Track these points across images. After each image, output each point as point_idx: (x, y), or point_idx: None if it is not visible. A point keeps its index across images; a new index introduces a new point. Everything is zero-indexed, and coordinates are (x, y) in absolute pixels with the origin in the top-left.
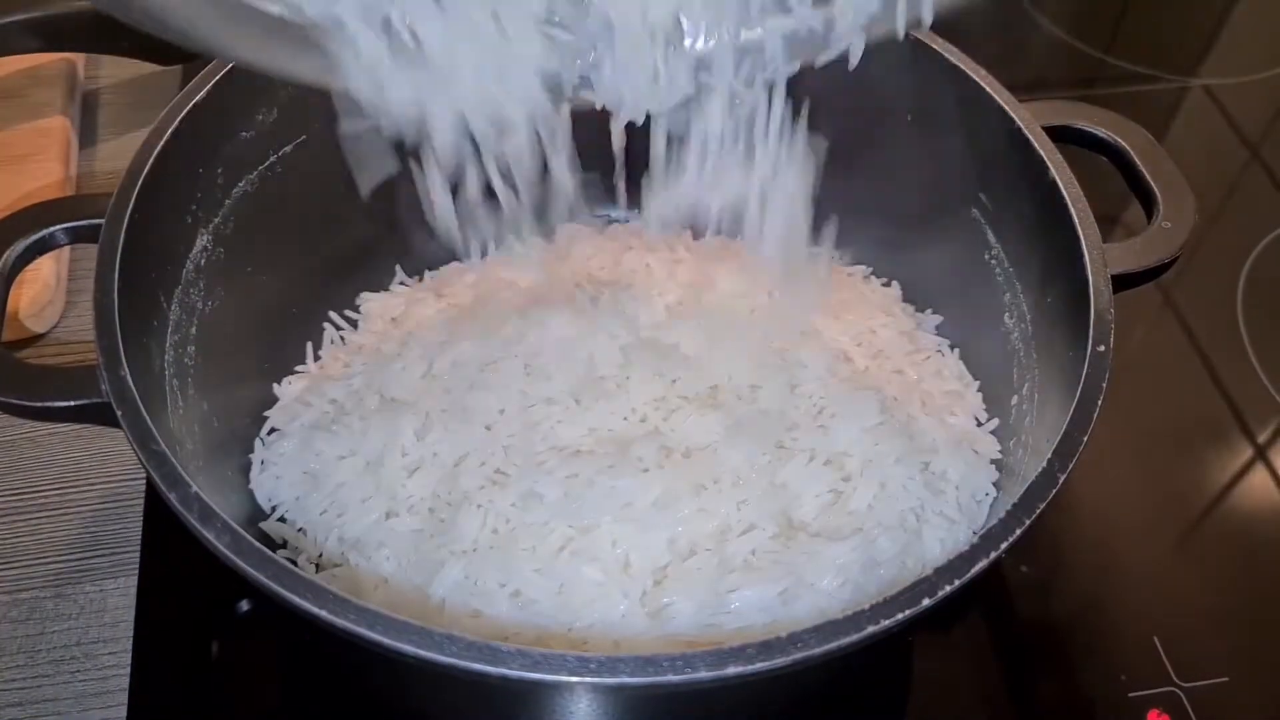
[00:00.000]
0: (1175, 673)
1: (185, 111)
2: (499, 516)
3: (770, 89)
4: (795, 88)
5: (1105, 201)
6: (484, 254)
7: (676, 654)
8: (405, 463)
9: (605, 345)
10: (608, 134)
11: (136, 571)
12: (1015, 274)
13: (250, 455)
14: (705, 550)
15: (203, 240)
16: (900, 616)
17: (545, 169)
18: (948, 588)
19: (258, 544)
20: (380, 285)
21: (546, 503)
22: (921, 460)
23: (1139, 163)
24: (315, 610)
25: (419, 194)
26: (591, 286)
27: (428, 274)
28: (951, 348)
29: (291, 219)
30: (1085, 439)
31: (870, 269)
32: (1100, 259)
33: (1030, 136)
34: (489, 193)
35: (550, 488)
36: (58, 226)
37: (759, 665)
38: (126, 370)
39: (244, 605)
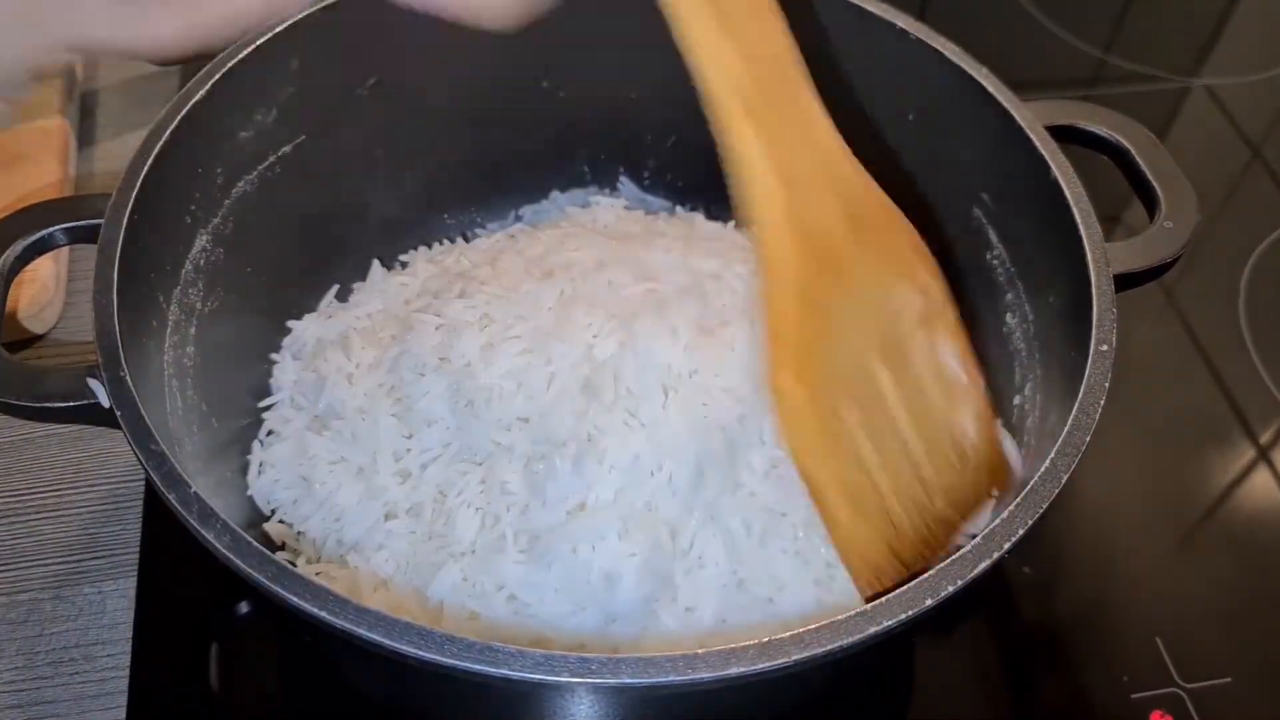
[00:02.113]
0: (1178, 674)
1: (184, 112)
2: (496, 518)
3: None
4: None
5: (1107, 201)
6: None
7: (678, 654)
8: (397, 468)
9: (603, 345)
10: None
11: (135, 573)
12: (1017, 274)
13: (249, 457)
14: (705, 551)
15: (202, 240)
16: (903, 617)
17: None
18: (950, 588)
19: (257, 545)
20: (375, 284)
21: (545, 504)
22: None
23: (1141, 162)
24: (315, 611)
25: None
26: (577, 281)
27: (420, 269)
28: None
29: (291, 219)
30: (1088, 439)
31: None
32: (1102, 258)
33: (1032, 136)
34: None
35: (548, 489)
36: (57, 227)
37: (761, 666)
38: (126, 371)
39: (243, 607)
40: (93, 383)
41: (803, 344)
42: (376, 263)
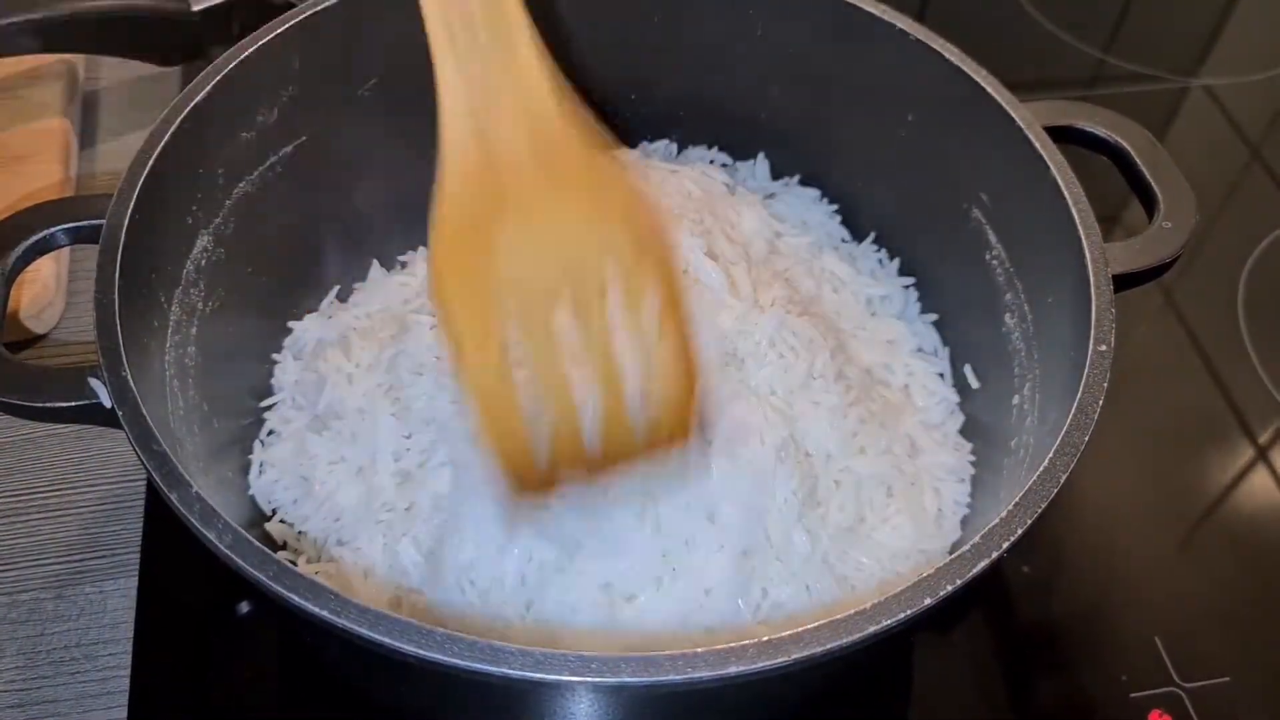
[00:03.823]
0: (1177, 673)
1: (185, 112)
2: (494, 520)
3: None
4: (797, 85)
5: (1106, 201)
6: None
7: (677, 653)
8: (397, 468)
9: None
10: None
11: (136, 572)
12: (1016, 274)
13: (250, 457)
14: (704, 553)
15: (203, 241)
16: (902, 616)
17: None
18: (949, 587)
19: (258, 544)
20: (375, 284)
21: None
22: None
23: (1140, 162)
24: (316, 610)
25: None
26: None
27: (419, 269)
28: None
29: (291, 220)
30: (1086, 439)
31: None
32: (1101, 258)
33: (1031, 136)
34: None
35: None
36: (58, 227)
37: (760, 665)
38: (127, 371)
39: (244, 606)
40: (94, 383)
41: (460, 248)
42: (376, 263)
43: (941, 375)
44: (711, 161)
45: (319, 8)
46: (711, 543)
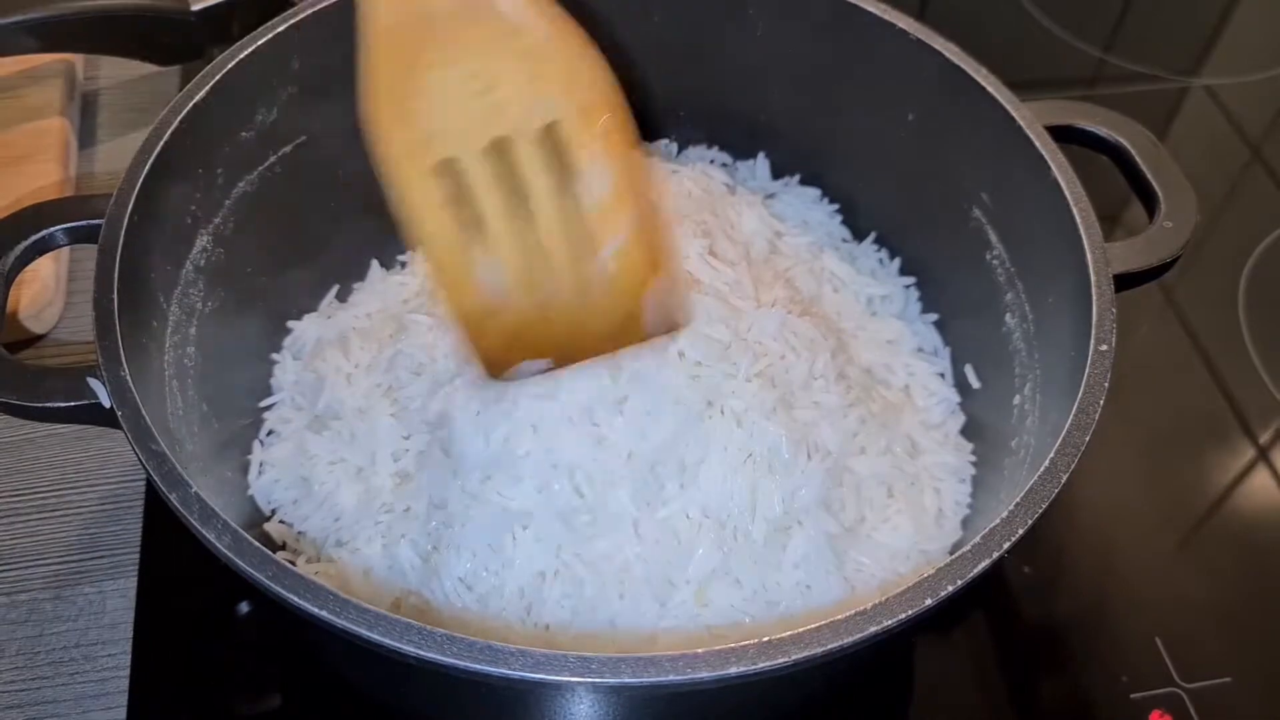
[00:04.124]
0: (1177, 673)
1: (185, 112)
2: (495, 521)
3: None
4: (797, 84)
5: (1107, 201)
6: None
7: (678, 654)
8: (396, 468)
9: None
10: None
11: (136, 573)
12: (1017, 274)
13: (249, 457)
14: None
15: (202, 241)
16: (903, 616)
17: None
18: (950, 588)
19: (258, 544)
20: (374, 284)
21: (546, 507)
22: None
23: (1140, 162)
24: (315, 610)
25: None
26: None
27: (419, 268)
28: (946, 345)
29: (291, 220)
30: (1088, 439)
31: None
32: (1102, 258)
33: (1032, 136)
34: None
35: (550, 494)
36: (57, 227)
37: (761, 665)
38: (126, 371)
39: (244, 607)
40: (93, 383)
41: (393, 87)
42: (375, 262)
43: (942, 375)
44: (711, 161)
45: (318, 7)
46: (711, 544)
